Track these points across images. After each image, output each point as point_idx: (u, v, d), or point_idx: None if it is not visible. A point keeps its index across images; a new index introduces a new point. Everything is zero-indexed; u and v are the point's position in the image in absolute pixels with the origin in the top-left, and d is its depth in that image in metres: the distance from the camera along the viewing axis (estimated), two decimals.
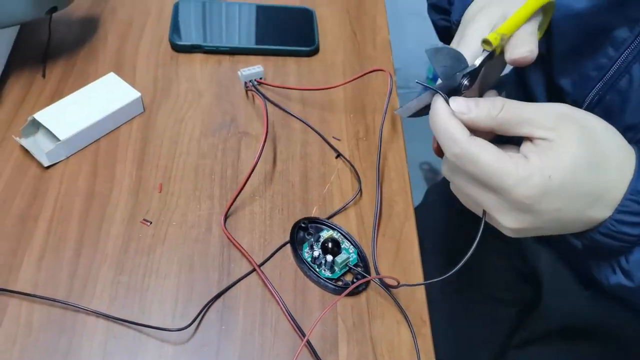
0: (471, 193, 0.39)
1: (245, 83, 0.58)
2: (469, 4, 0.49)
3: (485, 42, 0.40)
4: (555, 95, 0.53)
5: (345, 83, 0.57)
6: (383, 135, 0.57)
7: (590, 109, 0.49)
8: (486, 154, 0.36)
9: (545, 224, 0.38)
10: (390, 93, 0.52)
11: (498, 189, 0.37)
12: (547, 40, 0.52)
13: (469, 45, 0.43)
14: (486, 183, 0.37)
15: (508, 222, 0.38)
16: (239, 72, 0.58)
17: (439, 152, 0.42)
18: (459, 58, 0.40)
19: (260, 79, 0.58)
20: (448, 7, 0.58)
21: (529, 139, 0.38)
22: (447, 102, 0.38)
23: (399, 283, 0.44)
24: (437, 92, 0.38)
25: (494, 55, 0.41)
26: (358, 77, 0.56)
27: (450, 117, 0.38)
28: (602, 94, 0.50)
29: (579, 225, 0.39)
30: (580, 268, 0.63)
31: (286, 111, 0.58)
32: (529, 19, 0.42)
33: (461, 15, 0.49)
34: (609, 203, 0.38)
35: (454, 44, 0.46)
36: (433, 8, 0.62)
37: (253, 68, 0.58)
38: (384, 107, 0.51)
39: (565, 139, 0.37)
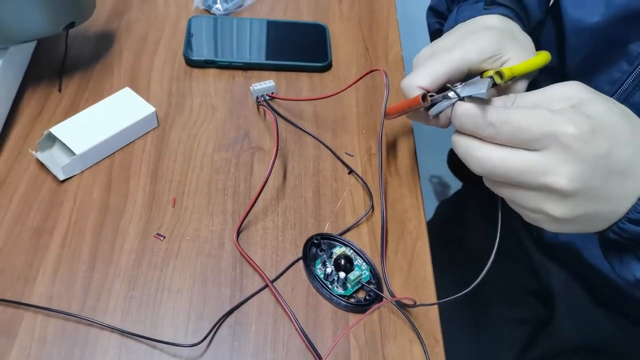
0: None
1: (257, 98, 0.58)
2: (465, 18, 0.49)
3: (499, 74, 0.40)
4: None
5: (348, 87, 0.56)
6: (396, 152, 0.57)
7: None
8: (521, 111, 0.36)
9: (595, 178, 0.36)
10: (388, 92, 0.51)
11: (547, 134, 0.35)
12: (559, 54, 0.52)
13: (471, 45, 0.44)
14: (534, 137, 0.35)
15: (558, 202, 0.36)
16: (251, 87, 0.58)
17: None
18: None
19: (272, 93, 0.59)
20: (445, 12, 0.58)
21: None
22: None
23: (415, 303, 0.44)
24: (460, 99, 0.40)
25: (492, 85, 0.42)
26: (358, 80, 0.56)
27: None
28: None
29: (625, 190, 0.37)
30: (593, 285, 0.63)
31: (298, 127, 0.58)
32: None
33: (454, 24, 0.50)
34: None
35: (450, 38, 0.47)
36: (432, 11, 0.63)
37: (264, 83, 0.58)
38: (383, 107, 0.51)
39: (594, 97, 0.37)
